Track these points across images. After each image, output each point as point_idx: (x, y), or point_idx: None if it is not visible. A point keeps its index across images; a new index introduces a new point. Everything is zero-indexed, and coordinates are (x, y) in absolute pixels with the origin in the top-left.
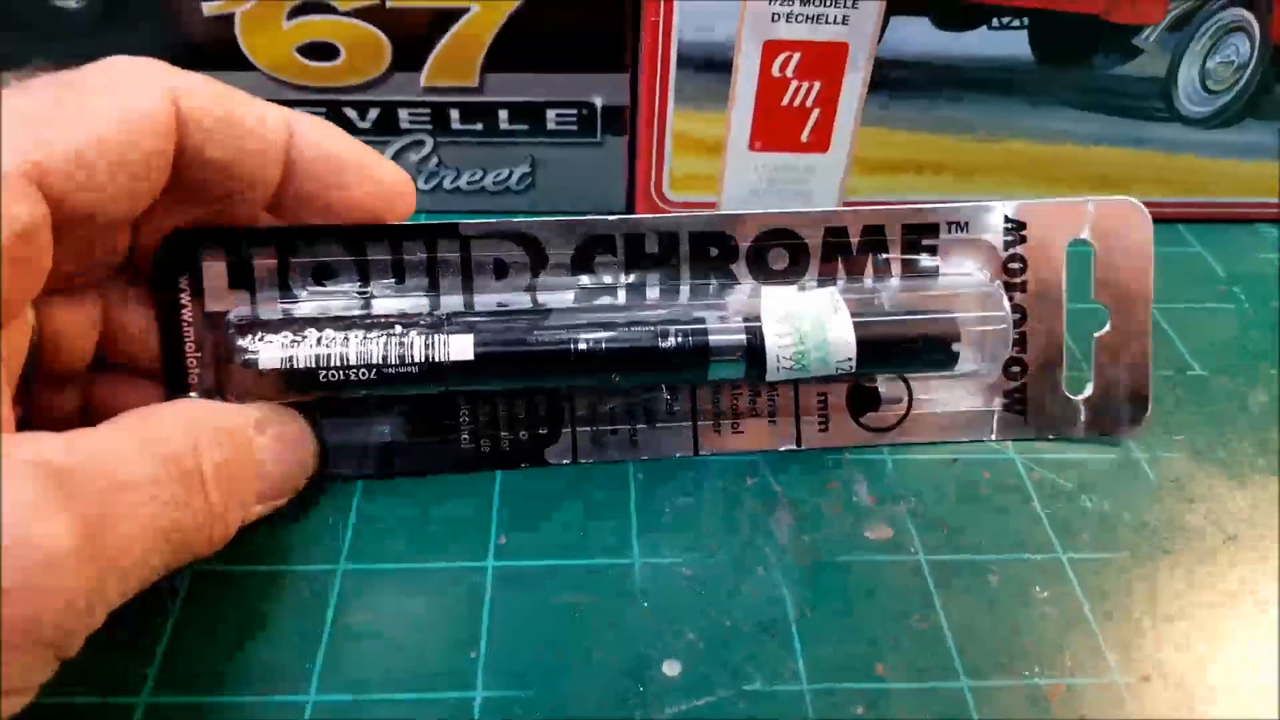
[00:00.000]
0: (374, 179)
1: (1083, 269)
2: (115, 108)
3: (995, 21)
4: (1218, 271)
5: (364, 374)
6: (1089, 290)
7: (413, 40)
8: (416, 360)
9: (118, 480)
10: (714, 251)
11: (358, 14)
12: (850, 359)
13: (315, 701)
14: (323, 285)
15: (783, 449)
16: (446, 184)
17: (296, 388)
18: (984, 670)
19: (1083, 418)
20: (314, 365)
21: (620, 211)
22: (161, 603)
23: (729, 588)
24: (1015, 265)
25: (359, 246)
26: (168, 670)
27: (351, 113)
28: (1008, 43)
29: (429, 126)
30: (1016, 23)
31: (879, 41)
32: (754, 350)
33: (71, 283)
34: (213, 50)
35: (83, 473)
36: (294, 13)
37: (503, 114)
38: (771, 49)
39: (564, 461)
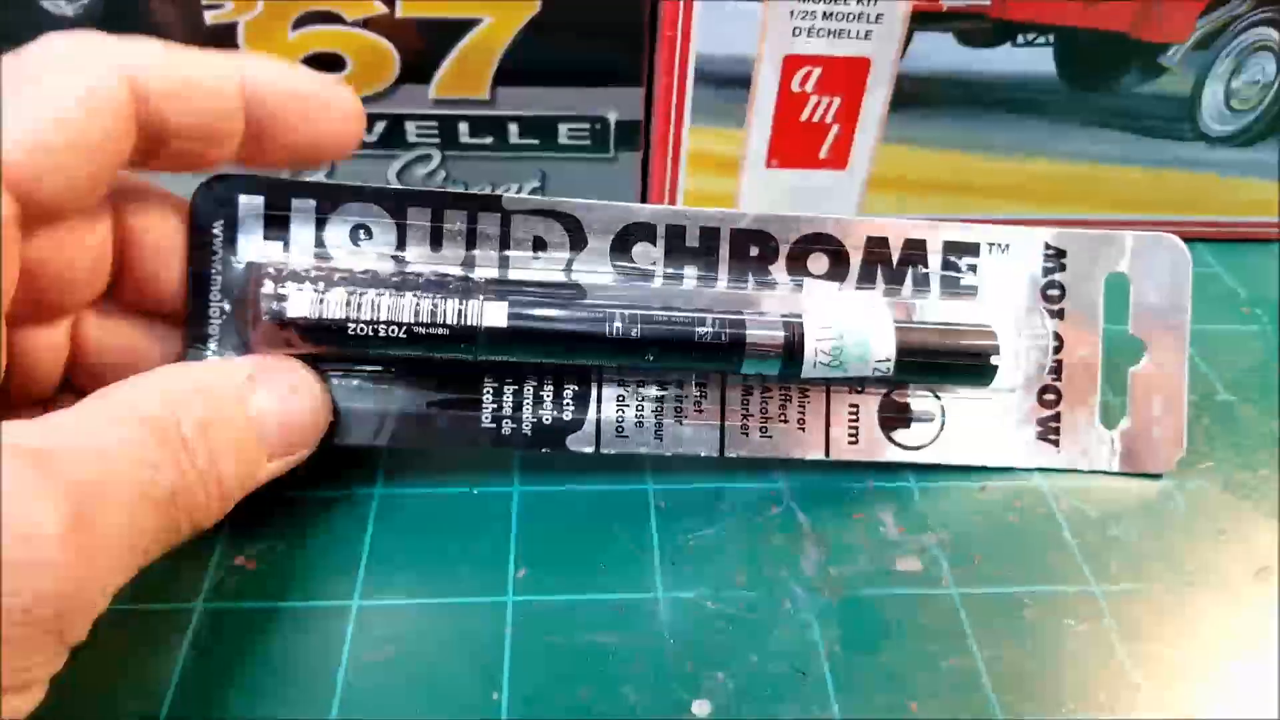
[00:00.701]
0: (333, 108)
1: (1120, 300)
2: (70, 88)
3: (1020, 38)
4: (1239, 293)
5: (394, 330)
6: (1126, 322)
7: (422, 51)
8: (448, 322)
9: (96, 452)
10: (754, 251)
11: (365, 24)
12: (889, 359)
13: None
14: (357, 245)
15: (810, 458)
16: None
17: (323, 341)
18: (1019, 707)
19: (1117, 451)
20: (343, 318)
21: None
22: (171, 641)
23: (757, 624)
24: (1054, 292)
25: (400, 209)
26: (180, 709)
27: None
28: (1032, 60)
29: (437, 140)
30: (1042, 40)
31: (901, 57)
32: (791, 342)
33: (58, 306)
34: None
35: (61, 450)
36: (299, 22)
37: (513, 128)
38: (791, 63)
39: (585, 450)
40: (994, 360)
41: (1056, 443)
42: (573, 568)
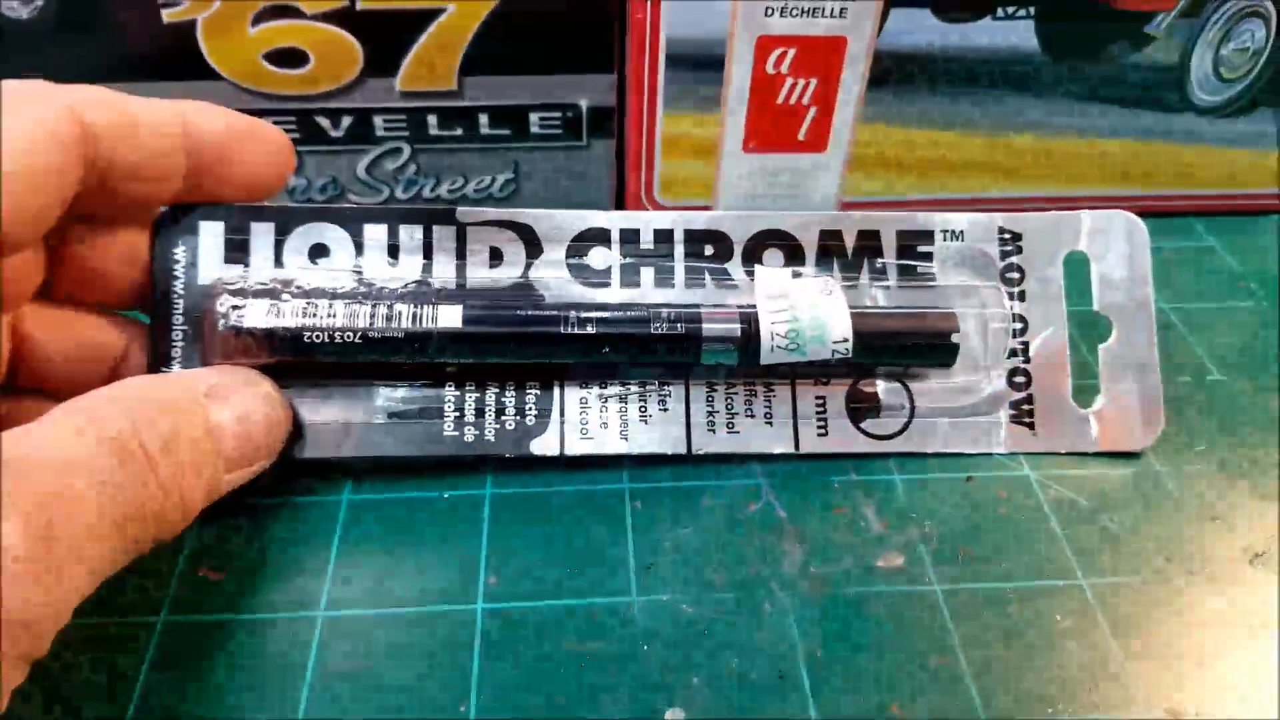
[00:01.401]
0: (265, 144)
1: (1082, 280)
2: (20, 128)
3: (1000, 11)
4: (1233, 267)
5: (349, 337)
6: (1091, 301)
7: (386, 43)
8: (403, 326)
9: (59, 472)
10: (709, 250)
11: (326, 18)
12: (846, 339)
13: None
14: (315, 264)
15: (778, 451)
16: (426, 192)
17: (280, 350)
18: (1005, 708)
19: (1094, 430)
20: (299, 326)
21: None
22: (132, 656)
23: (735, 627)
24: (1013, 275)
25: (356, 228)
26: None
27: (324, 121)
28: (1014, 33)
29: (406, 133)
30: (1022, 12)
31: (878, 34)
32: (747, 329)
33: None
34: (174, 60)
35: (22, 470)
36: (259, 18)
37: (483, 118)
38: (765, 45)
39: (550, 453)
40: (955, 339)
41: (1031, 425)
42: (545, 573)
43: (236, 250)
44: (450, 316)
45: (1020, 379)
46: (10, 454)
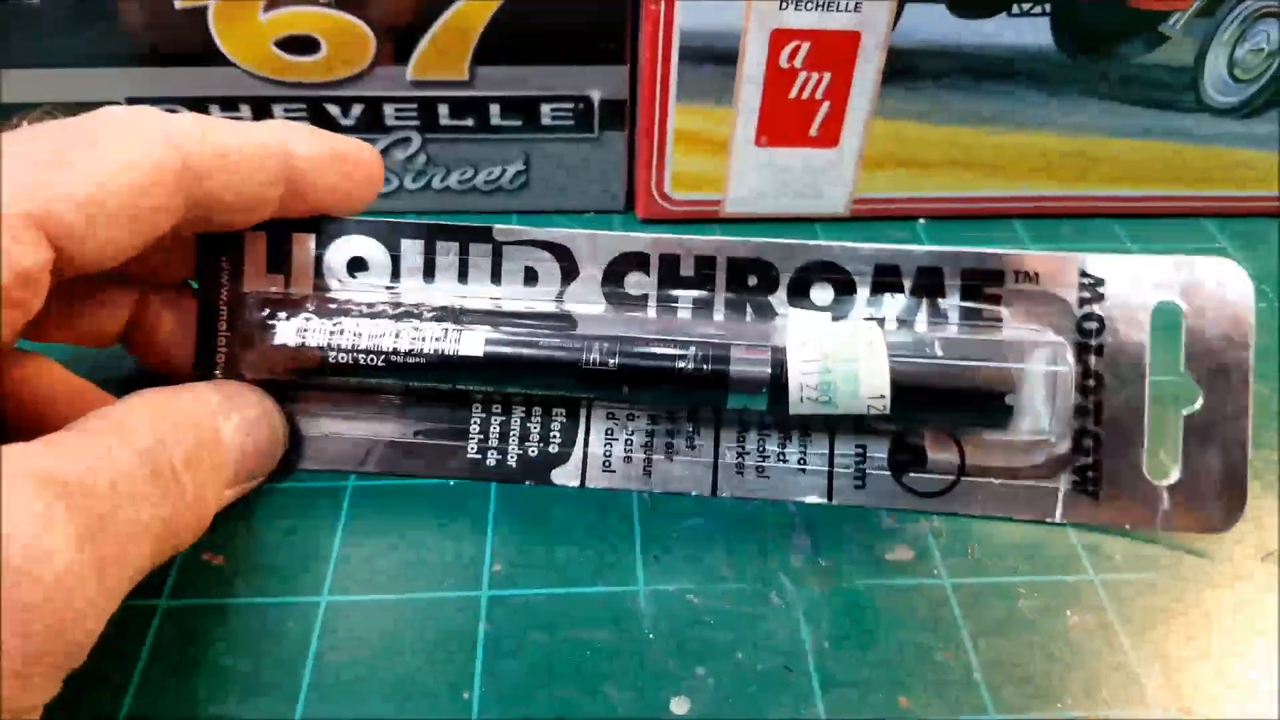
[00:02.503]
0: (360, 165)
1: (1172, 337)
2: (124, 157)
3: (1015, 7)
4: (1247, 269)
5: (373, 360)
6: (1179, 361)
7: (398, 32)
8: (426, 352)
9: (107, 485)
10: (753, 281)
11: (339, 4)
12: (883, 396)
13: None
14: (354, 277)
15: (810, 501)
16: (436, 183)
17: (305, 368)
18: (1014, 703)
19: (1165, 506)
20: (324, 346)
21: (619, 210)
22: (132, 640)
23: (742, 618)
24: (1091, 325)
25: (393, 242)
26: (140, 711)
27: (334, 109)
28: (1028, 30)
29: (416, 123)
30: (1038, 9)
31: (893, 29)
32: (777, 375)
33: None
34: (186, 47)
35: (75, 480)
36: (271, 5)
37: (494, 109)
38: (779, 38)
39: (571, 484)
40: (1009, 399)
41: (1096, 495)
42: (551, 561)
43: (278, 261)
44: (472, 345)
45: (1089, 442)
46: (62, 465)
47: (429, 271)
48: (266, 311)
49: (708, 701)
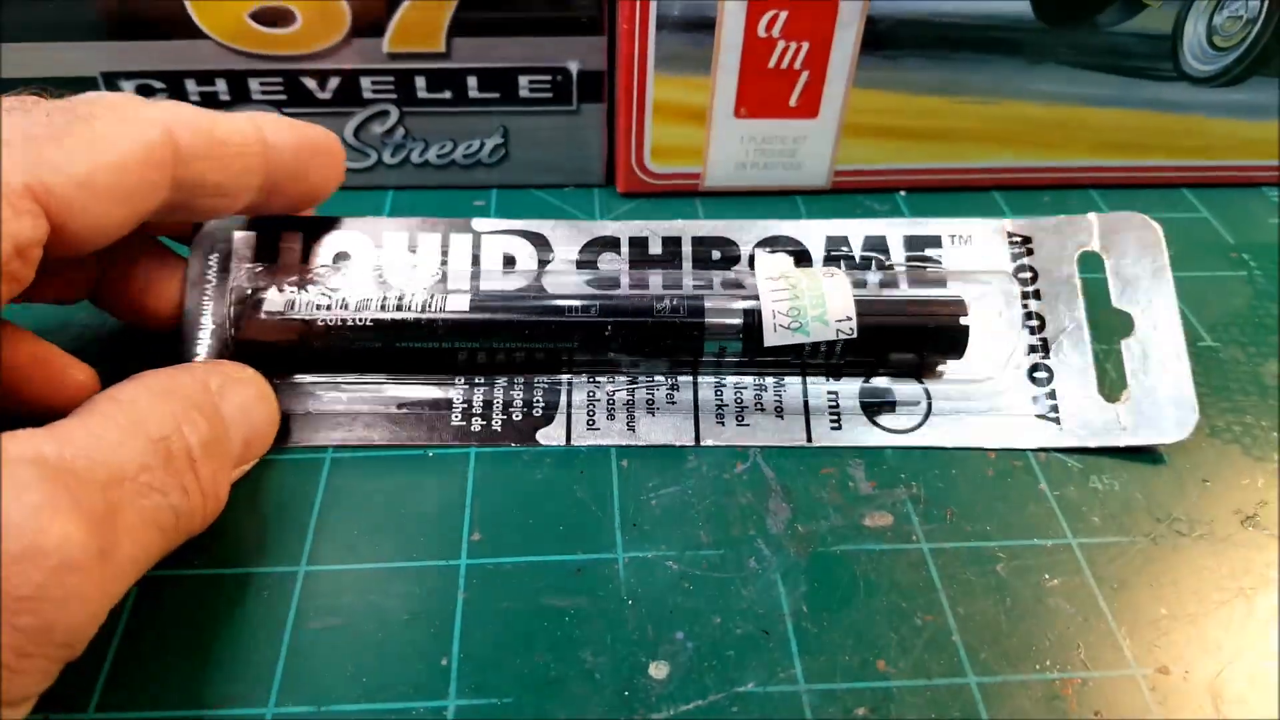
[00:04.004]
0: (330, 155)
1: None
2: (121, 137)
3: None
4: (1227, 238)
5: (360, 320)
6: (1109, 298)
7: (373, 3)
8: (413, 312)
9: (114, 473)
10: (716, 255)
11: None
12: (850, 318)
13: (275, 714)
14: (338, 268)
15: (790, 444)
16: (414, 157)
17: (295, 334)
18: (993, 665)
19: (1122, 423)
20: (313, 311)
21: (599, 184)
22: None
23: (720, 583)
24: (1025, 275)
25: (378, 238)
26: (116, 682)
27: (311, 82)
28: None
29: (394, 96)
30: None
31: None
32: (751, 315)
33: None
34: (161, 20)
35: (80, 468)
36: None
37: (472, 81)
38: (757, 7)
39: (556, 444)
40: (964, 321)
41: (1058, 420)
42: (530, 529)
43: (267, 259)
44: (458, 303)
45: (1042, 374)
46: (66, 451)
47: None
48: (252, 282)
49: (686, 665)
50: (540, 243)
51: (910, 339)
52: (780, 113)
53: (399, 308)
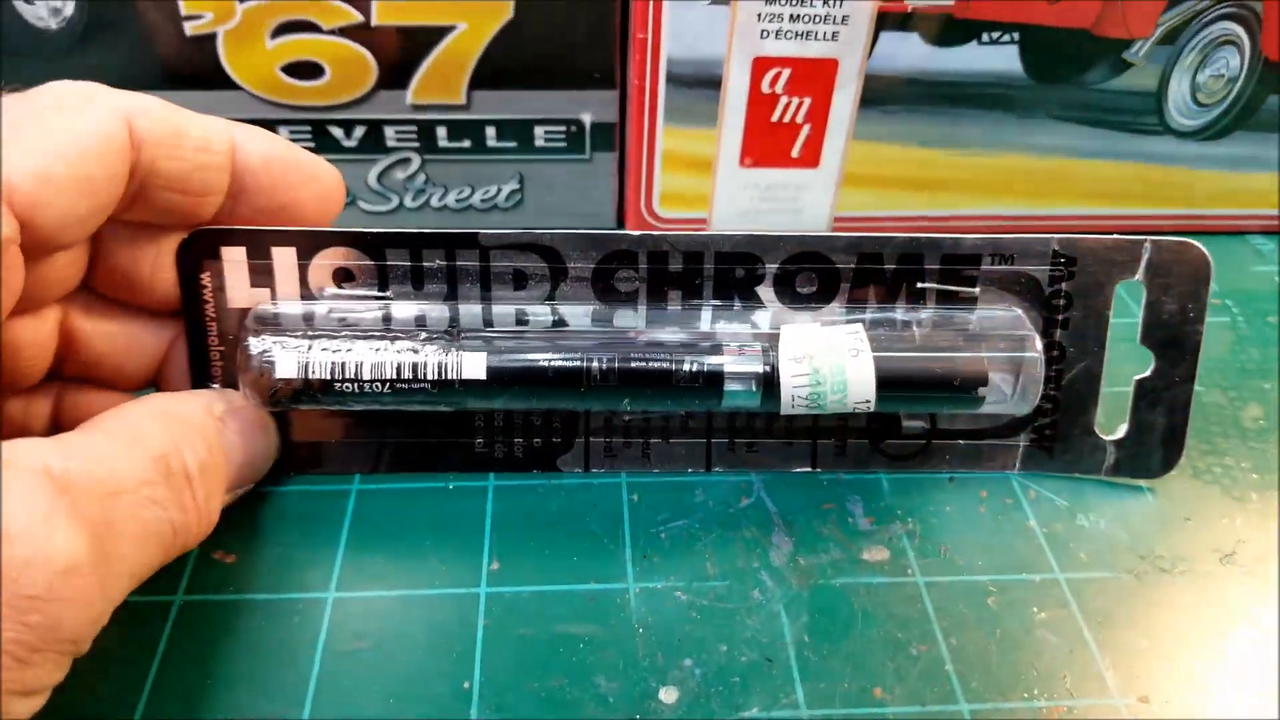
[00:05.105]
0: (316, 179)
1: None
2: (76, 128)
3: (985, 36)
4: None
5: (378, 387)
6: (1136, 333)
7: (398, 58)
8: (429, 377)
9: (114, 485)
10: (740, 274)
11: (342, 32)
12: (869, 400)
13: None
14: (341, 288)
15: (796, 470)
16: (434, 202)
17: (310, 398)
18: (983, 694)
19: (1110, 459)
20: (329, 377)
21: (610, 228)
22: (151, 632)
23: (726, 613)
24: (1059, 302)
25: (379, 252)
26: (156, 702)
27: (338, 131)
28: (998, 58)
29: (416, 144)
30: (1007, 38)
31: (869, 57)
32: (769, 384)
33: (31, 300)
34: (196, 71)
35: (82, 479)
36: (277, 32)
37: (490, 131)
38: (761, 65)
39: (575, 470)
40: (980, 392)
41: (1050, 450)
42: (546, 560)
43: (261, 274)
44: (474, 368)
45: (1047, 405)
46: (69, 462)
47: (417, 280)
48: (263, 342)
49: (694, 691)
50: (552, 257)
51: (926, 404)
52: (783, 163)
53: (415, 371)
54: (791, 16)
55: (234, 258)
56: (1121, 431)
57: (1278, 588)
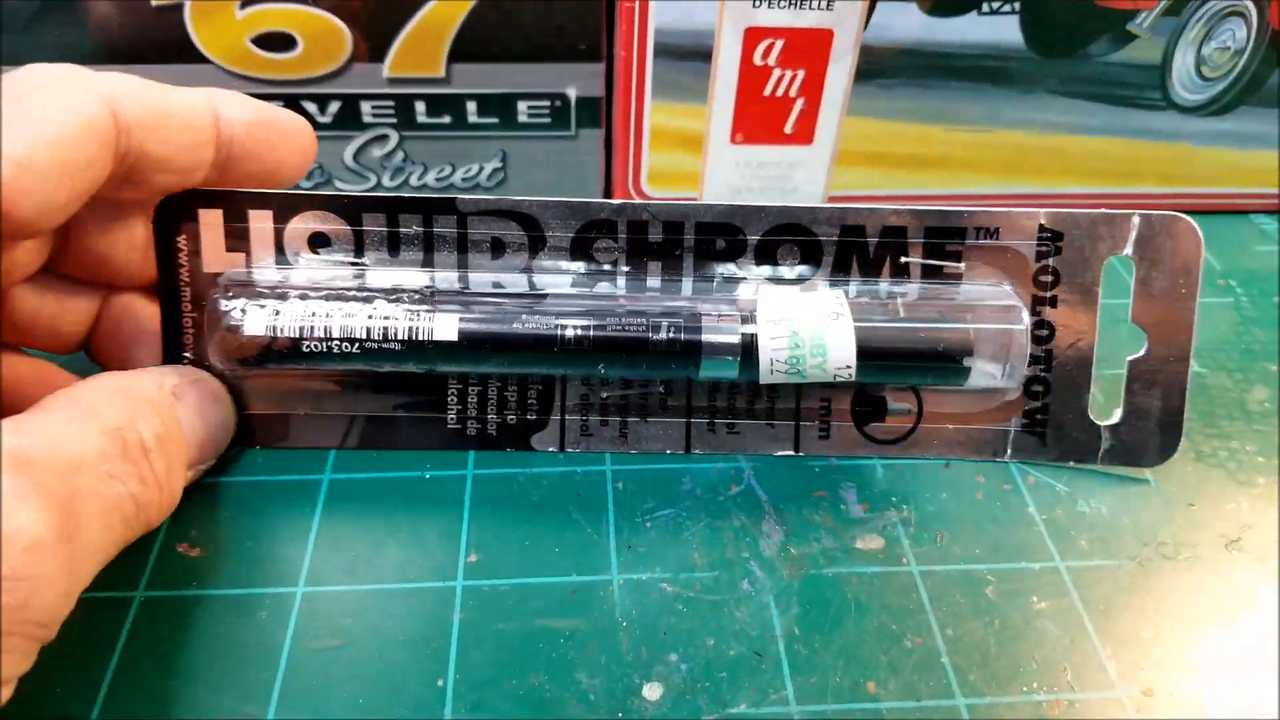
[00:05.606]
0: (294, 135)
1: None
2: (57, 112)
3: (986, 6)
4: (1214, 265)
5: (346, 347)
6: (1126, 310)
7: (374, 29)
8: (400, 337)
9: (73, 462)
10: (720, 244)
11: (315, 2)
12: (849, 366)
13: None
14: (317, 253)
15: (779, 454)
16: (413, 180)
17: (279, 357)
18: (981, 688)
19: (1105, 445)
20: (297, 335)
21: None
22: (108, 630)
23: (714, 605)
24: (1046, 278)
25: (355, 217)
26: (114, 703)
27: (311, 106)
28: (999, 29)
29: (393, 120)
30: (1008, 8)
31: (865, 27)
32: (748, 351)
33: None
34: (162, 43)
35: (40, 456)
36: (247, 1)
37: (471, 106)
38: (753, 36)
39: (550, 449)
40: (967, 361)
41: (1042, 435)
42: (526, 551)
43: (237, 238)
44: (446, 329)
45: (1038, 387)
46: (27, 441)
47: (393, 246)
48: (232, 300)
49: (679, 687)
50: (531, 225)
51: (910, 375)
52: (776, 139)
53: (385, 332)
54: None
55: (210, 221)
56: (1116, 416)
57: None
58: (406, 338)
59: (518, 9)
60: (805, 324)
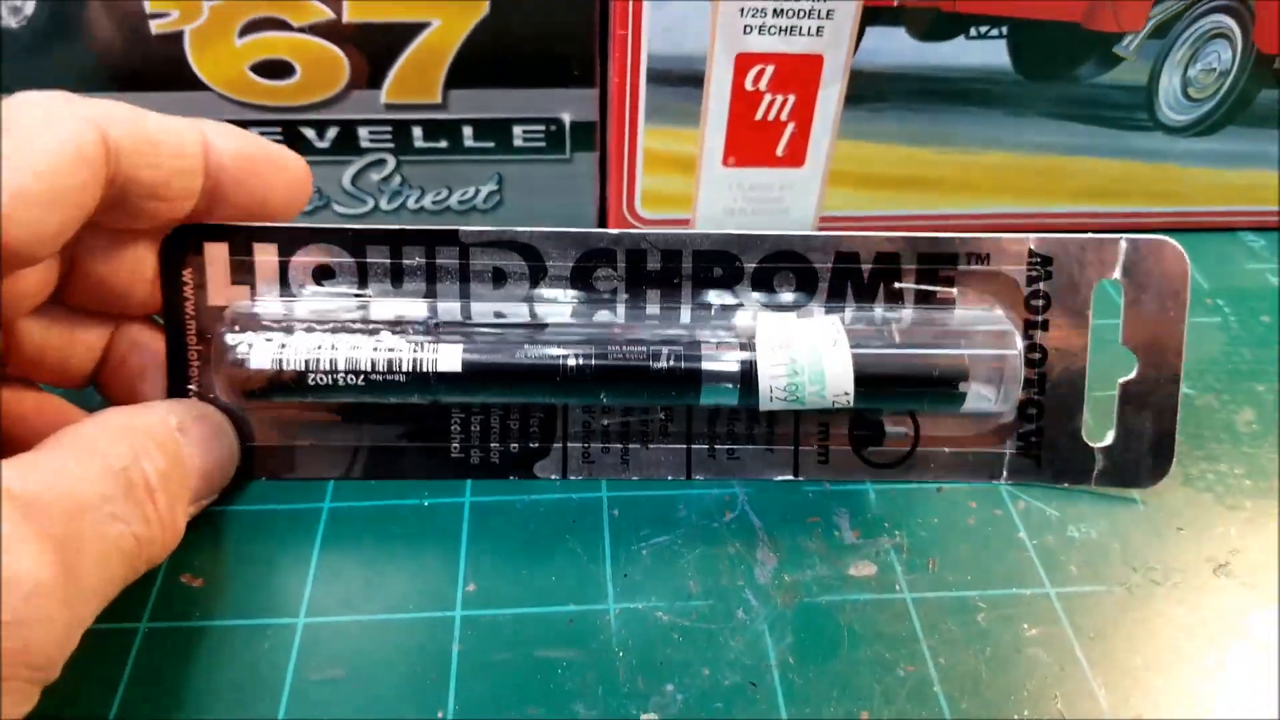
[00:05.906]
0: (285, 169)
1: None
2: (48, 139)
3: (973, 31)
4: (1202, 284)
5: (352, 379)
6: (1117, 332)
7: (372, 56)
8: (404, 369)
9: (77, 503)
10: (718, 272)
11: (313, 30)
12: (848, 394)
13: None
14: (321, 285)
15: (779, 479)
16: (410, 204)
17: (285, 390)
18: (973, 715)
19: (1099, 466)
20: (303, 369)
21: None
22: (113, 662)
23: (709, 634)
24: (1038, 302)
25: (359, 249)
26: None
27: (309, 132)
28: (987, 52)
29: (391, 145)
30: (995, 32)
31: (854, 53)
32: (747, 379)
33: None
34: (162, 70)
35: (44, 498)
36: (246, 30)
37: (467, 131)
38: (744, 62)
39: (552, 476)
40: (962, 387)
41: (1037, 458)
42: (523, 580)
43: (242, 271)
44: (450, 360)
45: (1032, 410)
46: (29, 482)
47: (397, 277)
48: (239, 335)
49: (676, 717)
50: (532, 256)
51: (907, 401)
52: (767, 161)
53: (390, 365)
54: (775, 11)
55: (216, 255)
56: (1110, 438)
57: (1275, 599)
58: (411, 369)
59: (513, 35)
60: (804, 351)
